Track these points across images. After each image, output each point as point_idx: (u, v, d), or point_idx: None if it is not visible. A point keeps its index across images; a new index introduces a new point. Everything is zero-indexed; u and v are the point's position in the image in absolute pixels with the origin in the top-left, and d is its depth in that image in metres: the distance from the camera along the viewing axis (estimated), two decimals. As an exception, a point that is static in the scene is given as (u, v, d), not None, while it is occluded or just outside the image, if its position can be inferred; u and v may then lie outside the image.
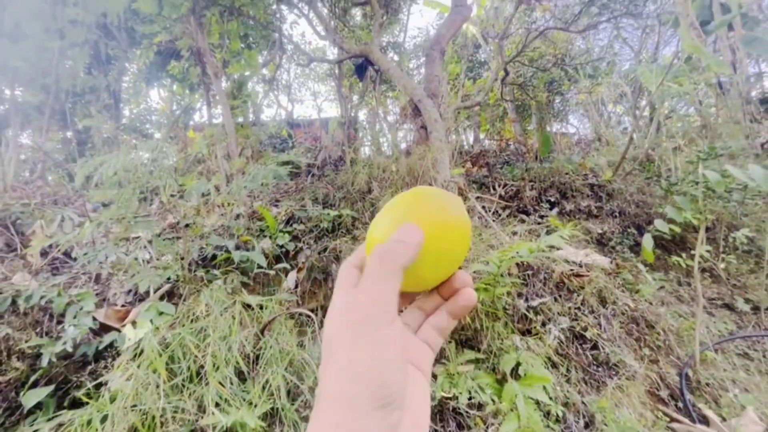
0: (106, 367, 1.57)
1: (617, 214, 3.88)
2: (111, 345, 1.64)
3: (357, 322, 0.31)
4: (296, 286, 2.54)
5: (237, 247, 2.56)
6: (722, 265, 3.18)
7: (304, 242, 2.95)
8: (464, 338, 2.01)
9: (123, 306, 1.97)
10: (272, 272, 2.32)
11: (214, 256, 2.46)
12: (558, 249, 2.90)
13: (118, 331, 1.66)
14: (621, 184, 4.27)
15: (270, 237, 2.62)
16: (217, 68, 3.47)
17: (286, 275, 2.50)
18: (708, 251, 3.08)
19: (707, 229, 3.60)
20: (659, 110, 4.67)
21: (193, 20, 3.43)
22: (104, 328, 1.75)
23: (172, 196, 2.41)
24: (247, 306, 1.85)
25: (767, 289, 2.97)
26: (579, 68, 5.04)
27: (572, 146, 7.44)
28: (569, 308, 2.21)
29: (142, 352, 1.44)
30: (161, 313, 1.68)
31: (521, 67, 5.25)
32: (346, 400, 0.28)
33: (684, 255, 3.20)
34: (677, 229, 2.57)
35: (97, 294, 2.12)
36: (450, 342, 1.93)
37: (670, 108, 5.54)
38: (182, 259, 1.98)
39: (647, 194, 4.23)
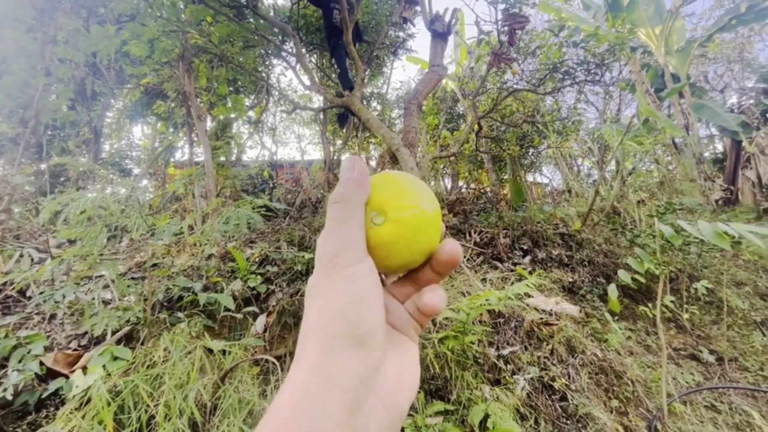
0: (47, 417, 1.45)
1: (587, 263, 4.00)
2: (56, 393, 1.53)
3: (327, 263, 0.31)
4: (265, 331, 2.46)
5: (206, 289, 2.49)
6: (686, 316, 3.28)
7: (276, 285, 2.90)
8: (434, 388, 1.97)
9: (75, 350, 1.85)
10: (240, 316, 2.25)
11: (180, 298, 2.38)
12: (529, 297, 2.95)
13: (66, 377, 1.55)
14: (589, 235, 4.44)
15: (241, 279, 2.57)
16: (201, 111, 3.56)
17: (255, 319, 2.43)
18: (672, 302, 3.20)
19: (672, 280, 3.75)
20: (622, 166, 5.00)
21: (182, 65, 3.57)
22: (51, 374, 1.64)
23: (143, 234, 2.38)
24: (210, 351, 1.77)
25: (729, 340, 3.07)
26: (547, 125, 5.43)
27: (545, 196, 7.78)
28: (538, 357, 2.21)
29: (89, 400, 1.35)
30: (116, 358, 1.59)
31: (494, 122, 5.62)
32: (324, 339, 0.28)
33: (650, 305, 3.30)
34: (642, 280, 2.67)
35: (49, 336, 2.00)
36: (419, 392, 1.89)
37: (632, 165, 5.96)
38: (145, 300, 1.91)
39: (614, 244, 4.41)
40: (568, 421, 1.90)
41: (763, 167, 6.07)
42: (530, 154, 7.08)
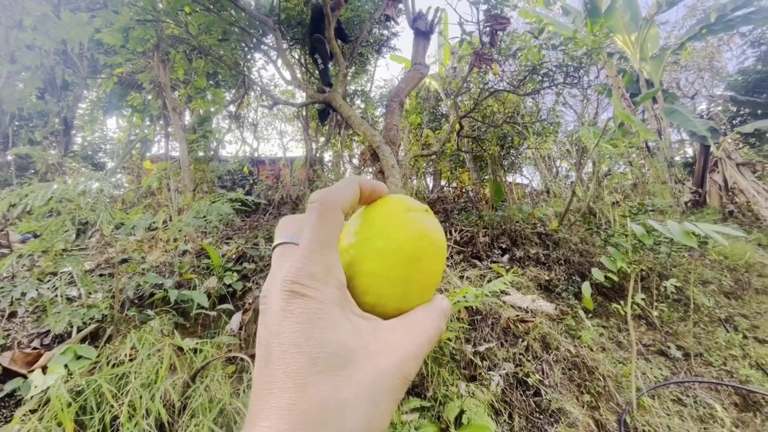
0: (1, 419, 1.38)
1: (563, 262, 4.09)
2: (12, 394, 1.45)
3: (405, 382, 0.27)
4: (240, 329, 2.41)
5: (179, 286, 2.42)
6: (656, 313, 3.40)
7: (253, 282, 2.84)
8: (411, 385, 1.97)
9: (35, 349, 1.76)
10: (214, 313, 2.19)
11: (152, 295, 2.30)
12: (506, 295, 2.99)
13: (24, 377, 1.48)
14: (566, 234, 4.54)
15: (217, 276, 2.50)
16: (176, 103, 3.45)
17: (230, 317, 2.38)
18: (643, 299, 3.30)
19: (643, 279, 3.88)
20: (598, 168, 5.14)
21: (157, 56, 3.45)
22: (8, 374, 1.55)
23: (116, 228, 2.29)
24: (181, 350, 1.72)
25: (695, 336, 3.19)
26: (527, 126, 5.54)
27: (525, 196, 7.93)
28: (514, 354, 2.24)
29: (48, 401, 1.29)
30: (79, 357, 1.52)
31: (475, 122, 5.69)
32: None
33: (622, 302, 3.39)
34: (615, 278, 2.74)
35: (8, 334, 1.90)
36: (395, 389, 1.88)
37: (608, 167, 6.14)
38: (113, 297, 1.84)
39: (589, 244, 4.53)
40: (541, 416, 1.93)
41: (729, 171, 6.35)
42: (510, 154, 7.20)
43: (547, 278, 3.74)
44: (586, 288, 2.42)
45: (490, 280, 3.14)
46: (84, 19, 3.99)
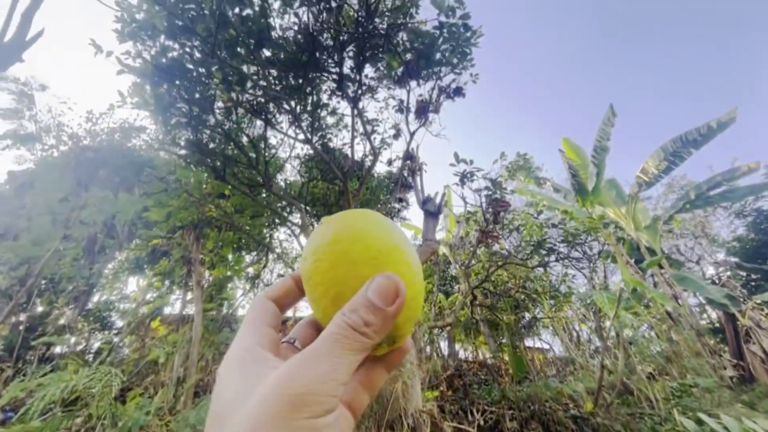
0: None
1: (609, 458, 3.47)
2: None
3: (289, 399, 0.23)
4: None
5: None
6: None
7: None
8: None
9: None
10: None
11: None
12: None
13: None
14: (604, 418, 4.00)
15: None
16: (201, 277, 3.66)
17: None
18: None
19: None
20: (622, 338, 4.89)
21: (193, 234, 3.85)
22: None
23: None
24: None
25: None
26: (540, 294, 5.56)
27: (548, 364, 7.31)
28: None
29: None
30: None
31: (487, 290, 5.76)
32: None
33: None
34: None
35: None
36: None
37: (631, 334, 5.83)
38: None
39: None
40: None
41: (765, 342, 5.94)
42: (526, 317, 7.00)
43: (595, 483, 3.11)
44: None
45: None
46: (136, 199, 4.64)
